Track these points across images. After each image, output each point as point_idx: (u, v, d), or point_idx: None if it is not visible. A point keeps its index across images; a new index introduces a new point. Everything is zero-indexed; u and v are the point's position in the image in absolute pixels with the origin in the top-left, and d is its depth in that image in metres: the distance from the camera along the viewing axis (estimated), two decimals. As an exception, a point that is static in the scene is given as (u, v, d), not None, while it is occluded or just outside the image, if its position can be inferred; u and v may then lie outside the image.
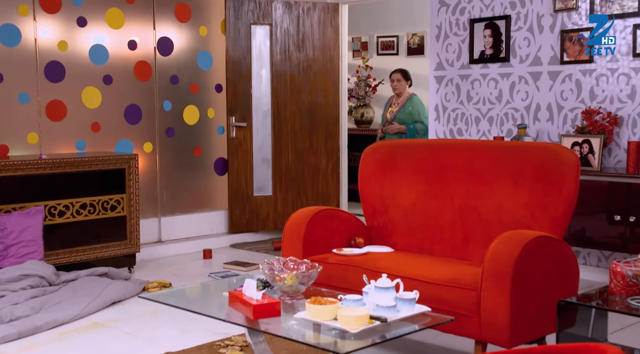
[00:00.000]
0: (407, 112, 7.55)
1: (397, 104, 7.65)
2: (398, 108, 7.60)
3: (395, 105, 7.67)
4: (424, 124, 7.49)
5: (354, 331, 2.99)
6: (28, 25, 6.14)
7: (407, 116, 7.54)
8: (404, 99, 7.62)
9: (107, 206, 6.06)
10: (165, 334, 4.61)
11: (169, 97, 7.09)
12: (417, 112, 7.56)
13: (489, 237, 4.12)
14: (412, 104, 7.56)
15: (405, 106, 7.57)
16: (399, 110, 7.58)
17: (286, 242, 4.38)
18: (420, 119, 7.54)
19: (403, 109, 7.58)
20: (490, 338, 3.49)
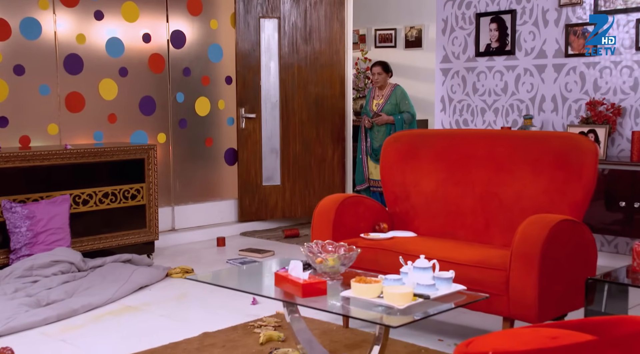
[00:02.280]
0: (393, 103, 7.62)
1: (381, 96, 7.71)
2: (384, 100, 7.69)
3: (379, 97, 7.72)
4: (411, 113, 7.56)
5: (400, 307, 3.21)
6: (48, 19, 6.29)
7: (393, 107, 7.59)
8: (388, 91, 7.69)
9: (128, 195, 6.24)
10: (197, 316, 4.81)
11: (181, 89, 7.26)
12: (403, 102, 7.63)
13: (510, 222, 4.35)
14: (396, 95, 7.61)
15: (391, 98, 7.67)
16: (385, 102, 7.67)
17: (316, 228, 4.58)
18: (406, 108, 7.59)
19: (389, 100, 7.68)
20: (518, 315, 3.72)
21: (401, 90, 7.67)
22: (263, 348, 4.14)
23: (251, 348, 4.13)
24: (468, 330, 4.48)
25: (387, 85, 7.66)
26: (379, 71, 7.58)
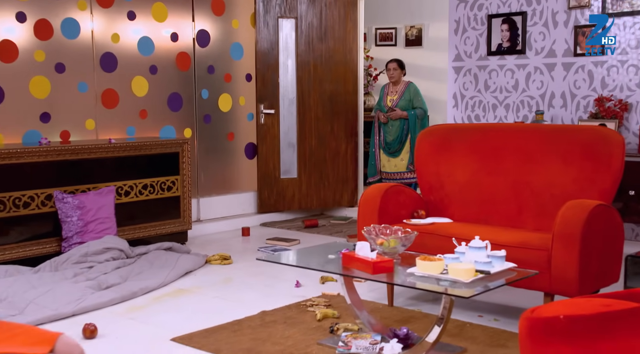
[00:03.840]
0: (407, 99, 8.08)
1: (395, 92, 8.17)
2: (398, 96, 8.14)
3: (394, 93, 8.18)
4: (423, 109, 8.03)
5: (466, 281, 3.61)
6: (86, 19, 6.61)
7: (406, 103, 8.07)
8: (402, 87, 8.15)
9: (164, 187, 6.58)
10: (249, 297, 5.17)
11: (206, 86, 7.61)
12: (416, 98, 8.11)
13: (541, 208, 4.77)
14: (410, 92, 8.08)
15: (405, 94, 8.12)
16: (399, 98, 8.13)
17: (362, 214, 4.97)
18: (419, 105, 8.07)
19: (403, 96, 8.13)
20: (559, 290, 4.14)
21: (414, 87, 8.10)
22: (321, 323, 4.52)
23: (310, 324, 4.50)
24: (503, 307, 4.89)
25: (401, 82, 8.08)
26: (394, 67, 8.02)
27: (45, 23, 6.30)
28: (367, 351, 3.96)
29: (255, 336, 4.29)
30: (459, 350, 4.02)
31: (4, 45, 6.05)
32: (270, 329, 4.42)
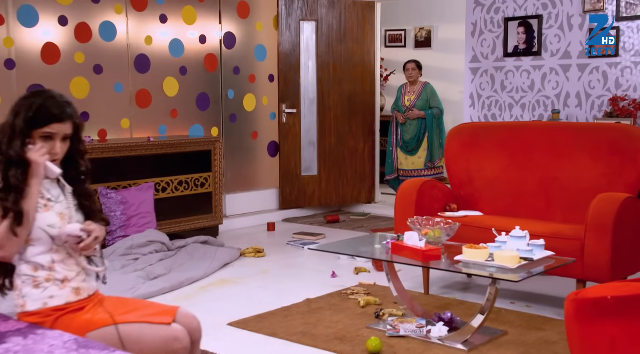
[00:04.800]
0: (424, 99, 8.46)
1: (413, 92, 8.54)
2: (416, 96, 8.50)
3: (411, 93, 8.55)
4: (439, 109, 8.43)
5: (512, 267, 3.91)
6: (121, 22, 6.87)
7: (424, 103, 8.45)
8: (419, 87, 8.52)
9: (198, 183, 6.86)
10: (290, 287, 5.46)
11: (232, 86, 7.88)
12: (433, 98, 8.48)
13: (569, 201, 5.08)
14: (427, 92, 8.46)
15: (422, 94, 8.48)
16: (417, 97, 8.48)
17: (399, 207, 5.26)
18: (435, 104, 8.46)
19: (420, 96, 8.48)
20: (592, 277, 4.44)
21: (431, 87, 8.43)
22: (365, 309, 4.81)
23: (355, 310, 4.79)
24: (533, 295, 5.19)
25: (418, 82, 8.42)
26: (413, 67, 8.36)
27: (84, 26, 6.56)
28: (414, 333, 4.25)
29: (306, 321, 4.57)
30: (500, 333, 4.31)
31: (47, 47, 6.31)
32: (318, 314, 4.70)
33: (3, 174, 2.59)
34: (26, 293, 2.66)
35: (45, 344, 2.28)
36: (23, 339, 2.34)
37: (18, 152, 2.60)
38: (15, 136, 2.60)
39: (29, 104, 2.63)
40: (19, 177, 2.58)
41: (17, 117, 2.62)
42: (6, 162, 2.60)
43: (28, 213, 2.58)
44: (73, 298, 2.70)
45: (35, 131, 2.64)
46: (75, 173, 2.82)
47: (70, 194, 2.77)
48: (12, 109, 2.66)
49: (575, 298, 3.50)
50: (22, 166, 2.60)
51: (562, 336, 4.21)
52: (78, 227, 2.65)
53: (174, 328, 2.66)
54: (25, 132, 2.62)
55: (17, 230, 2.55)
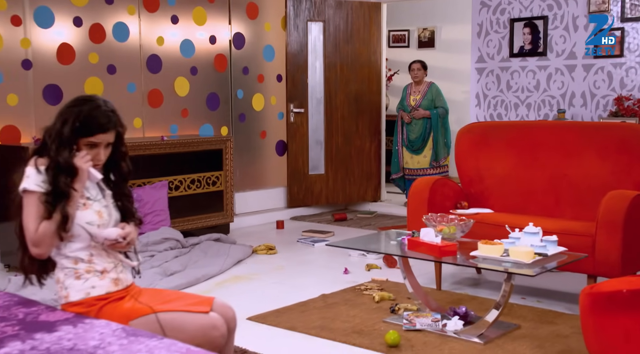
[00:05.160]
0: (429, 98, 8.60)
1: (418, 92, 8.67)
2: (421, 96, 8.63)
3: (416, 93, 8.68)
4: (445, 109, 8.57)
5: (527, 262, 4.02)
6: (134, 23, 6.98)
7: (429, 103, 8.58)
8: (425, 87, 8.65)
9: (210, 182, 6.96)
10: (304, 283, 5.57)
11: (241, 86, 7.99)
12: (438, 98, 8.62)
13: (579, 199, 5.20)
14: (432, 92, 8.60)
15: (427, 94, 8.61)
16: (422, 97, 8.61)
17: (412, 205, 5.37)
18: (441, 104, 8.60)
19: (426, 96, 8.62)
20: (603, 272, 4.56)
21: (436, 87, 8.56)
22: (379, 304, 4.92)
23: (370, 305, 4.90)
24: (543, 291, 5.31)
25: (423, 82, 8.54)
26: (418, 67, 8.50)
27: (98, 27, 6.66)
28: (430, 327, 4.36)
29: (323, 316, 4.68)
30: (514, 327, 4.43)
31: (62, 48, 6.41)
32: (334, 309, 4.81)
33: (53, 179, 2.69)
34: (69, 284, 2.78)
35: (95, 332, 2.39)
36: (73, 328, 2.44)
37: (67, 160, 2.71)
38: (63, 144, 2.71)
39: (76, 113, 2.75)
40: (67, 184, 2.69)
41: (64, 125, 2.73)
42: (55, 168, 2.71)
43: (72, 217, 2.70)
44: (113, 288, 2.82)
45: (81, 140, 2.75)
46: (118, 175, 2.93)
47: (109, 196, 2.89)
48: (60, 115, 2.77)
49: (591, 291, 3.62)
50: (69, 173, 2.71)
51: (574, 330, 4.33)
52: (116, 233, 2.78)
53: (212, 316, 2.77)
54: (72, 140, 2.73)
55: (63, 234, 2.67)
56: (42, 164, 2.74)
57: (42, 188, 2.70)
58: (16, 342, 2.31)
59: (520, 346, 4.10)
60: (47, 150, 2.76)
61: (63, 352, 2.22)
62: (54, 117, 2.83)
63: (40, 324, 2.48)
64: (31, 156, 2.79)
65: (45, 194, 2.69)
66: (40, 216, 2.68)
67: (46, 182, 2.71)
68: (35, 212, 2.69)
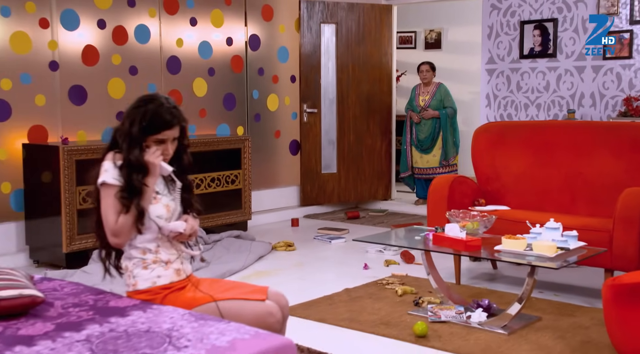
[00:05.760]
0: (438, 99, 8.80)
1: (427, 92, 8.87)
2: (430, 96, 8.83)
3: (425, 93, 8.88)
4: (453, 109, 8.79)
5: (551, 256, 4.20)
6: (154, 25, 7.14)
7: (438, 103, 8.79)
8: (433, 88, 8.86)
9: (229, 180, 7.13)
10: (326, 278, 5.74)
11: (256, 87, 8.16)
12: (446, 98, 8.82)
13: (593, 196, 5.38)
14: (440, 92, 8.81)
15: (436, 94, 8.81)
16: (431, 98, 8.81)
17: (432, 202, 5.55)
18: (449, 104, 8.82)
19: (435, 96, 8.82)
20: (620, 267, 4.73)
21: (444, 88, 8.76)
22: (402, 298, 5.09)
23: (394, 299, 5.08)
24: (558, 285, 5.48)
25: (432, 83, 8.74)
26: (427, 69, 8.69)
27: (121, 29, 6.82)
28: (455, 319, 4.54)
29: (350, 308, 4.85)
30: (535, 319, 4.60)
31: (87, 49, 6.57)
32: (360, 303, 4.98)
33: (127, 177, 2.86)
34: (137, 273, 2.95)
35: (166, 317, 2.56)
36: (144, 313, 2.61)
37: (138, 158, 2.88)
38: (133, 143, 2.88)
39: (142, 112, 2.92)
40: (140, 180, 2.86)
41: (132, 126, 2.90)
42: (127, 166, 2.88)
43: (148, 211, 2.88)
44: (176, 278, 3.00)
45: (149, 137, 2.92)
46: (180, 167, 3.10)
47: (178, 189, 3.06)
48: (127, 116, 2.95)
49: (613, 283, 3.80)
50: (141, 170, 2.88)
51: (593, 322, 4.50)
52: (182, 226, 2.96)
53: (268, 304, 2.95)
54: (141, 138, 2.90)
55: (140, 227, 2.85)
56: (119, 159, 2.91)
57: (120, 182, 2.87)
58: (94, 325, 2.48)
59: (542, 337, 4.27)
60: (119, 148, 2.93)
61: (140, 333, 2.39)
62: (122, 118, 3.00)
63: (112, 310, 2.64)
64: (106, 152, 2.95)
65: (121, 189, 2.86)
66: (118, 207, 2.85)
67: (123, 176, 2.88)
68: (114, 204, 2.86)
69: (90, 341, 2.33)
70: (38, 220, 6.02)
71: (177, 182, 3.11)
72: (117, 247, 2.96)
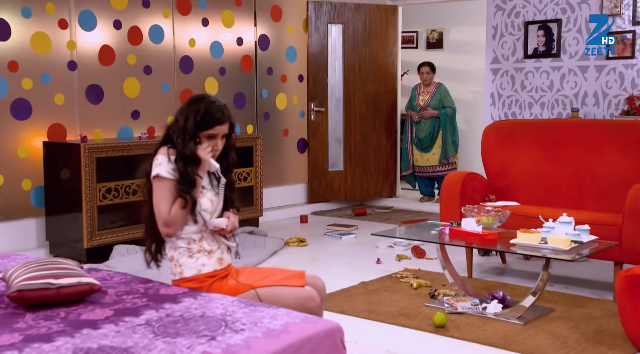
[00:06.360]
0: (438, 99, 8.98)
1: (427, 92, 9.05)
2: (430, 96, 9.00)
3: (425, 93, 9.06)
4: (452, 108, 8.97)
5: (566, 248, 4.36)
6: (168, 26, 7.28)
7: (437, 102, 8.97)
8: (433, 88, 9.03)
9: (241, 177, 7.28)
10: (341, 272, 5.89)
11: (266, 86, 8.32)
12: (446, 98, 9.01)
13: (601, 192, 5.55)
14: (440, 92, 8.99)
15: (436, 94, 8.99)
16: (431, 98, 8.99)
17: (445, 197, 5.71)
18: (449, 104, 9.00)
19: (434, 96, 8.99)
20: (629, 260, 4.90)
21: (444, 88, 8.94)
22: (418, 291, 5.25)
23: (410, 291, 5.24)
24: (567, 278, 5.65)
25: (432, 83, 8.92)
26: (427, 71, 8.89)
27: (136, 30, 6.96)
28: (471, 310, 4.70)
29: (368, 300, 5.01)
30: (548, 310, 4.77)
31: (103, 50, 6.71)
32: (377, 295, 5.14)
33: (182, 169, 3.03)
34: (183, 262, 3.11)
35: (216, 303, 2.71)
36: (194, 300, 2.76)
37: (192, 151, 3.05)
38: (188, 138, 3.04)
39: (195, 109, 3.11)
40: (194, 172, 3.03)
41: (187, 121, 3.08)
42: (182, 159, 3.04)
43: (199, 201, 3.04)
44: (218, 266, 3.17)
45: (202, 133, 3.08)
46: (226, 165, 3.27)
47: (222, 185, 3.22)
48: (181, 113, 3.14)
49: (627, 274, 3.97)
50: (194, 162, 3.05)
51: (604, 313, 4.67)
52: (225, 223, 3.14)
53: (307, 289, 3.11)
54: (195, 134, 3.06)
55: (193, 216, 3.02)
56: (173, 154, 3.07)
57: (172, 176, 3.03)
58: (150, 311, 2.63)
59: (557, 327, 4.43)
60: (173, 143, 3.09)
61: (196, 318, 2.54)
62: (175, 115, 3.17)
63: (164, 297, 2.80)
64: (159, 146, 3.11)
65: (176, 181, 3.02)
66: (170, 199, 3.01)
67: (175, 170, 3.04)
68: (166, 196, 3.02)
69: (150, 324, 2.48)
70: (58, 216, 6.16)
71: (222, 179, 3.26)
72: (167, 237, 3.12)
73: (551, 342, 4.16)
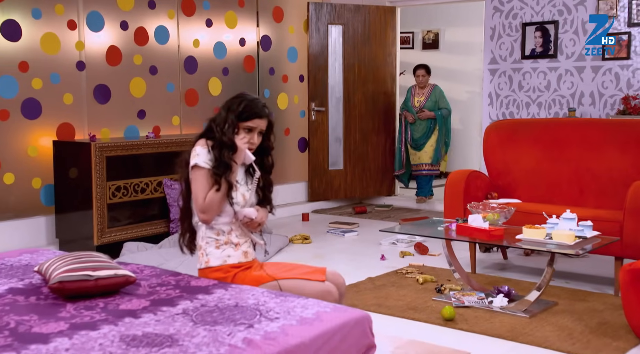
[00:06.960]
0: (433, 100, 9.11)
1: (422, 94, 9.17)
2: (425, 98, 9.13)
3: (420, 95, 9.19)
4: (448, 110, 9.10)
5: (571, 243, 4.51)
6: (173, 26, 7.39)
7: (433, 104, 9.09)
8: (428, 90, 9.16)
9: (245, 176, 7.39)
10: (347, 268, 6.00)
11: (268, 86, 8.44)
12: (441, 100, 9.15)
13: (601, 189, 5.70)
14: (435, 94, 9.12)
15: (431, 96, 9.13)
16: (426, 99, 9.12)
17: (449, 194, 5.85)
18: (444, 105, 9.14)
19: (430, 98, 9.13)
20: (630, 255, 5.05)
21: (439, 89, 9.09)
22: (424, 286, 5.39)
23: (416, 287, 5.37)
24: (568, 273, 5.80)
25: (427, 85, 9.07)
26: (423, 74, 9.03)
27: (142, 30, 7.07)
28: (478, 304, 4.84)
29: (376, 295, 5.14)
30: (552, 303, 4.91)
31: (110, 50, 6.82)
32: (384, 290, 5.27)
33: (218, 154, 3.16)
34: (210, 252, 3.26)
35: (248, 293, 2.83)
36: (226, 291, 2.89)
37: (230, 137, 3.19)
38: (228, 126, 3.19)
39: (238, 102, 3.29)
40: (230, 157, 3.17)
41: (229, 112, 3.22)
42: (220, 146, 3.18)
43: (235, 185, 3.18)
44: (243, 259, 3.31)
45: (241, 124, 3.23)
46: (263, 165, 3.40)
47: (256, 179, 3.35)
48: (224, 105, 3.38)
49: (630, 268, 4.12)
50: (231, 148, 3.19)
51: (606, 306, 4.82)
52: (254, 213, 3.27)
53: (327, 284, 3.24)
54: (235, 123, 3.20)
55: (230, 200, 3.24)
56: (210, 145, 3.21)
57: (209, 165, 3.17)
58: (185, 301, 2.75)
59: (562, 319, 4.58)
60: (212, 133, 3.23)
61: (230, 307, 2.67)
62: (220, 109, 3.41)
63: (196, 288, 2.92)
64: (198, 138, 3.26)
65: (212, 168, 3.15)
66: (207, 187, 3.15)
67: (212, 160, 3.18)
68: (203, 184, 3.17)
69: (188, 314, 2.60)
70: (68, 214, 6.27)
71: (257, 172, 3.38)
72: (205, 223, 3.27)
73: (557, 334, 4.30)
